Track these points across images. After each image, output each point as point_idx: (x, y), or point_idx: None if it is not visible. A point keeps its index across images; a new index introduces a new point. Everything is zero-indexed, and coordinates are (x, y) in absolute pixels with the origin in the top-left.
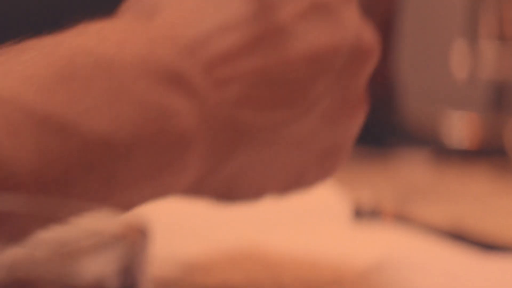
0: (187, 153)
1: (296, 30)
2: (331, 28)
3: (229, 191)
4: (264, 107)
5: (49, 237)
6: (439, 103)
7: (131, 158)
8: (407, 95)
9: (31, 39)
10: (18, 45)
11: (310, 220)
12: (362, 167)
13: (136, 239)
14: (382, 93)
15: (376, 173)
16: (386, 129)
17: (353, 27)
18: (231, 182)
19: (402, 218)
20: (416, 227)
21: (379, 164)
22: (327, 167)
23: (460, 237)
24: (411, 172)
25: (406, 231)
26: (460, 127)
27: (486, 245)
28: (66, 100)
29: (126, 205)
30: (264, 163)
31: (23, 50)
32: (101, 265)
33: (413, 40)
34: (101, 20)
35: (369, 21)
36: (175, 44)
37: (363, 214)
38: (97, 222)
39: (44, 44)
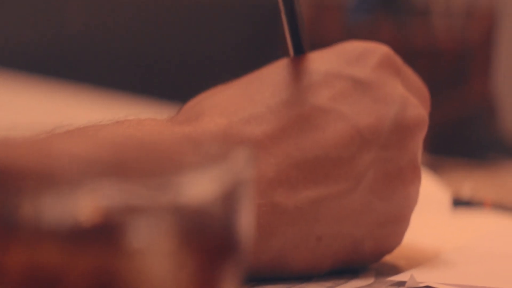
0: None
1: (334, 110)
2: (371, 104)
3: (281, 267)
4: (302, 186)
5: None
6: None
7: None
8: (506, 111)
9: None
10: (61, 130)
11: None
12: (463, 173)
13: (239, 158)
14: (482, 109)
15: (477, 176)
16: (487, 144)
17: (396, 101)
18: (281, 259)
19: (502, 207)
20: None
21: (481, 172)
22: (387, 238)
23: None
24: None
25: (504, 217)
26: None
27: None
28: None
29: None
30: (312, 238)
31: (66, 133)
32: (204, 183)
33: (511, 58)
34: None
35: (422, 87)
36: (210, 133)
37: (462, 203)
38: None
39: (86, 129)
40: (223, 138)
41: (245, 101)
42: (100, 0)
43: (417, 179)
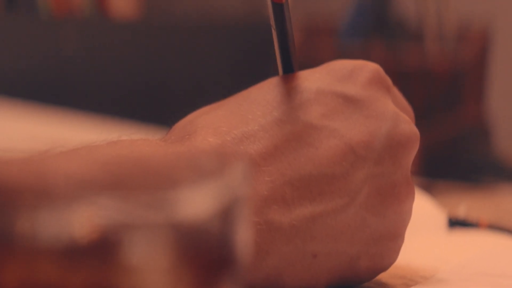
0: None
1: (326, 127)
2: (363, 121)
3: (277, 285)
4: (296, 204)
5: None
6: None
7: None
8: (500, 133)
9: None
10: (55, 151)
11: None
12: (458, 194)
13: (235, 174)
14: (476, 131)
15: (472, 198)
16: (481, 166)
17: (388, 117)
18: (277, 277)
19: (497, 228)
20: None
21: (475, 194)
22: (382, 255)
23: None
24: (506, 200)
25: (500, 238)
26: None
27: None
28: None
29: None
30: (307, 256)
31: (60, 153)
32: (201, 199)
33: (504, 80)
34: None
35: (408, 107)
36: (204, 152)
37: (457, 223)
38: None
39: (80, 150)
40: (217, 157)
41: (237, 120)
42: (93, 27)
43: (410, 194)
